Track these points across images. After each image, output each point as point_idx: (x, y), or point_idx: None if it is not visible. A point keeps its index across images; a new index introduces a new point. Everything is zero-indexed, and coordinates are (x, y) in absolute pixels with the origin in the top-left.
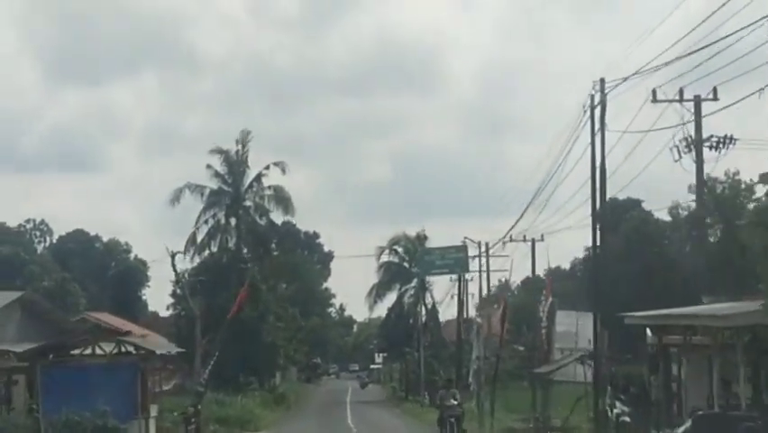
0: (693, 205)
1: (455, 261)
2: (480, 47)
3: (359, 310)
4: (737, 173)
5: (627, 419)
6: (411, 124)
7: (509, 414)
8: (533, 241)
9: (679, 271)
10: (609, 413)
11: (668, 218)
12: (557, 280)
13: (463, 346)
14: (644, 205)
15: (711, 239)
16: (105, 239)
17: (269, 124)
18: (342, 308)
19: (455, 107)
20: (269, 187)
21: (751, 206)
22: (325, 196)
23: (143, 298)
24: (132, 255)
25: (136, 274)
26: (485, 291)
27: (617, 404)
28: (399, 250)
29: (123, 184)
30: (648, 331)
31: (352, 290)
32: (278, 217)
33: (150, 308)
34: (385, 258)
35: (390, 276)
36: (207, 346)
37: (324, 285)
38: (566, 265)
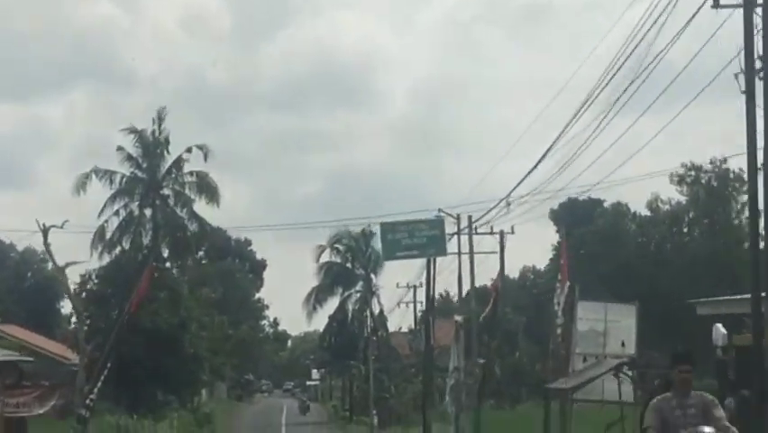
0: (677, 197)
1: (429, 239)
2: (414, 63)
3: (294, 324)
4: (725, 161)
5: None
6: (347, 140)
7: None
8: (501, 233)
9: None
10: None
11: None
12: (511, 290)
13: (429, 356)
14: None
15: (695, 233)
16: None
17: (201, 138)
18: (275, 322)
19: (391, 123)
20: (191, 173)
21: (744, 198)
22: (259, 211)
23: (63, 310)
24: (49, 265)
25: (53, 285)
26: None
27: None
28: (341, 249)
29: (49, 197)
30: (719, 328)
31: (287, 302)
32: (201, 209)
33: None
34: (325, 258)
35: (332, 278)
36: (94, 354)
37: (257, 295)
38: (515, 274)
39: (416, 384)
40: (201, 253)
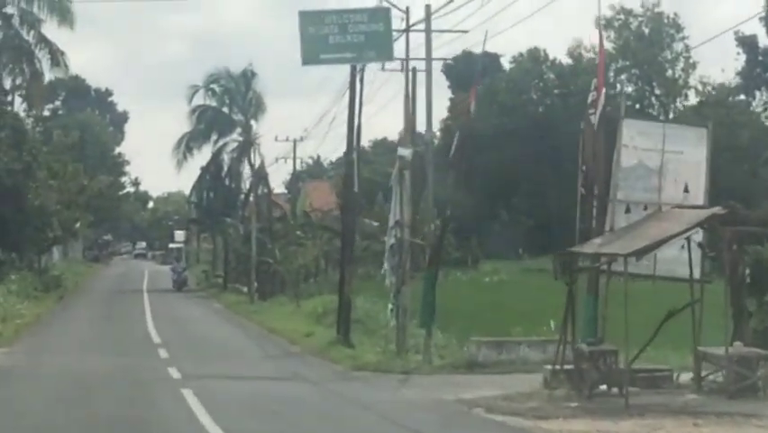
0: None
1: (368, 37)
2: None
3: (156, 185)
4: (658, 4)
5: None
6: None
7: (460, 337)
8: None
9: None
10: None
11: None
12: (390, 151)
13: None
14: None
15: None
16: None
17: None
18: (137, 181)
19: None
20: None
21: (679, 46)
22: (120, 72)
23: None
24: None
25: None
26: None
27: None
28: (218, 90)
29: None
30: None
31: (150, 163)
32: (51, 32)
33: None
34: (199, 101)
35: (206, 123)
36: None
37: (117, 150)
38: (394, 137)
39: (308, 249)
40: (58, 103)
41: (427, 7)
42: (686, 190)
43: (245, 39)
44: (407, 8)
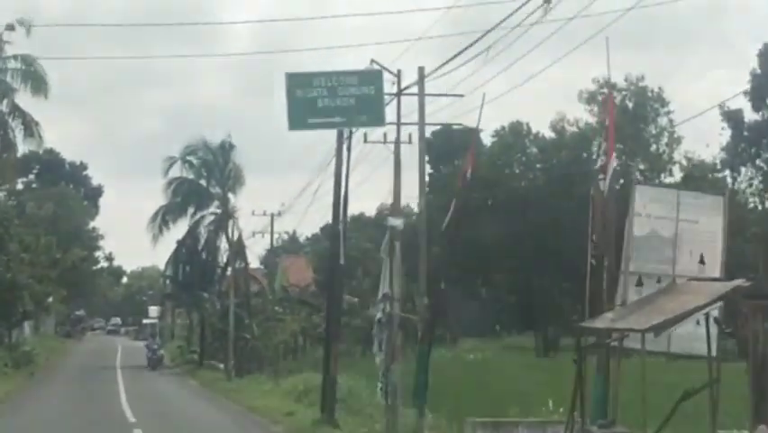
0: (586, 118)
1: (359, 100)
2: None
3: (130, 260)
4: (642, 79)
5: None
6: (186, 77)
7: (451, 417)
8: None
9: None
10: None
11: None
12: (368, 226)
13: (338, 279)
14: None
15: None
16: None
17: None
18: (110, 256)
19: (232, 61)
20: (15, 57)
21: (663, 120)
22: (95, 146)
23: None
24: None
25: None
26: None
27: None
28: (195, 162)
29: None
30: None
31: (124, 238)
32: (24, 100)
33: None
34: (176, 173)
35: (183, 196)
36: None
37: (92, 224)
38: (371, 212)
39: (287, 324)
40: (32, 177)
41: (420, 69)
42: (701, 262)
43: (222, 114)
44: (399, 71)
